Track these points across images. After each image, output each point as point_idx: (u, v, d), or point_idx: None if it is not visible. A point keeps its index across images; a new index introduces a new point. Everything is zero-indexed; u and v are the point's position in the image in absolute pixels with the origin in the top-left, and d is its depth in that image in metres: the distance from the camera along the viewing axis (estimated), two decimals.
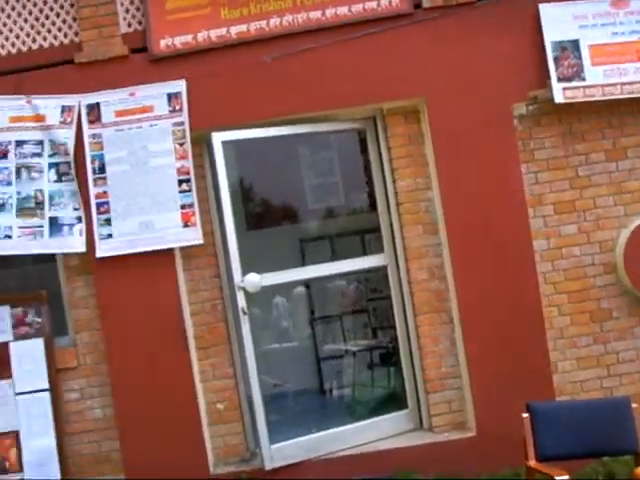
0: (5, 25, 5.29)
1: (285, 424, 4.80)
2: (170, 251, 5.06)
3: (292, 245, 6.58)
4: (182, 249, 5.12)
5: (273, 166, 5.90)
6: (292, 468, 4.93)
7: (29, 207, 5.13)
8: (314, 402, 6.13)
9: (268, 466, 4.91)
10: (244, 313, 4.92)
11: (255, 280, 4.94)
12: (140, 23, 5.21)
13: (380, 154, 5.22)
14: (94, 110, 5.15)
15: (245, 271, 4.95)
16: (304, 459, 4.94)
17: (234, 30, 5.11)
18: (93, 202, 5.06)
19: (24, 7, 5.28)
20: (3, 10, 5.27)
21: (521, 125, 5.09)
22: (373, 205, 5.30)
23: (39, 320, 5.25)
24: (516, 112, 5.06)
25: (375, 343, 6.13)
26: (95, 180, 5.10)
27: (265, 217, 6.91)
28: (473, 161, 4.96)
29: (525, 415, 3.20)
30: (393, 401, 5.43)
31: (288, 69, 5.00)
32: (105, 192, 5.08)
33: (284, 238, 6.62)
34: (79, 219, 5.13)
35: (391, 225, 4.87)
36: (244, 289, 4.94)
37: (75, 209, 5.12)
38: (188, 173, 5.05)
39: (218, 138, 5.03)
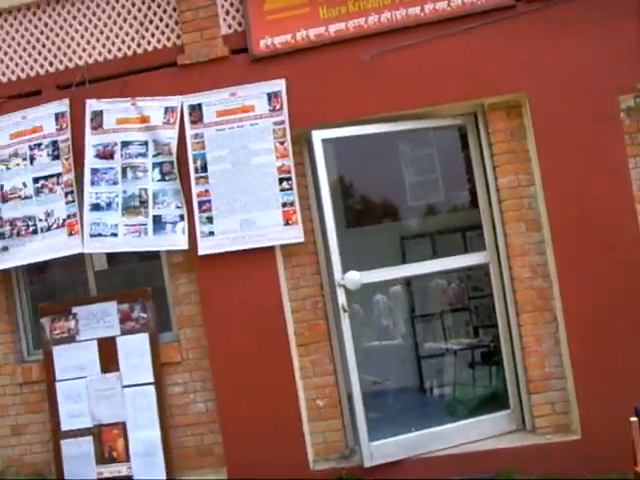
0: (112, 31, 5.89)
1: (385, 422, 5.08)
2: (271, 249, 5.51)
3: (392, 243, 6.96)
4: (283, 247, 5.56)
5: (373, 163, 6.26)
6: (391, 466, 5.26)
7: (134, 206, 5.71)
8: (414, 400, 6.38)
9: (367, 463, 5.27)
10: (344, 310, 5.32)
11: (355, 277, 5.36)
12: (240, 24, 5.69)
13: (481, 150, 5.42)
14: (196, 110, 5.70)
15: (345, 269, 5.33)
16: (404, 457, 5.27)
17: (333, 28, 5.53)
18: (195, 200, 5.43)
19: (129, 13, 5.87)
20: (110, 17, 5.90)
21: (629, 118, 5.23)
22: (474, 202, 5.31)
23: (144, 316, 5.82)
24: (623, 105, 5.16)
25: (476, 342, 6.36)
26: (197, 179, 5.60)
27: (365, 215, 7.31)
28: (578, 156, 5.11)
29: (633, 419, 3.18)
30: (495, 401, 5.63)
31: (387, 66, 5.33)
32: (207, 190, 5.58)
33: (384, 236, 7.02)
34: (182, 217, 5.64)
35: (493, 222, 5.06)
36: (344, 286, 5.34)
37: (178, 207, 5.65)
38: (288, 171, 5.62)
39: (318, 136, 5.45)
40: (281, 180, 5.31)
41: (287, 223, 5.21)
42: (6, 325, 6.10)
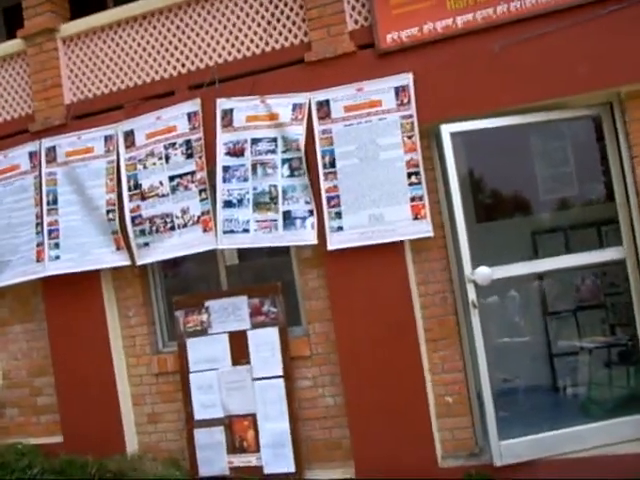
0: (240, 31, 6.43)
1: (515, 421, 5.18)
2: (400, 243, 5.75)
3: (524, 238, 7.05)
4: (412, 241, 5.87)
5: (503, 157, 6.36)
6: (523, 466, 5.42)
7: (264, 202, 6.14)
8: (546, 399, 6.05)
9: (497, 462, 5.47)
10: (474, 306, 5.57)
11: (486, 273, 5.58)
12: (366, 19, 6.04)
13: (618, 141, 5.20)
14: (323, 107, 6.09)
15: (475, 264, 5.57)
16: (535, 458, 5.42)
17: (460, 20, 5.72)
18: (324, 196, 5.61)
19: (257, 12, 6.37)
20: (238, 17, 6.44)
21: None
22: (610, 195, 5.26)
23: (274, 310, 6.22)
24: None
25: (613, 340, 6.36)
26: (326, 174, 5.77)
27: (495, 209, 7.45)
28: None
29: None
30: (633, 403, 5.32)
31: (516, 57, 5.46)
32: (335, 186, 5.73)
33: (515, 230, 7.09)
34: (311, 212, 5.78)
35: (630, 216, 5.05)
36: (474, 282, 5.59)
37: (307, 203, 5.83)
38: (417, 166, 5.92)
39: (447, 130, 5.73)
40: (409, 174, 5.50)
41: (416, 218, 5.39)
42: (143, 318, 6.69)
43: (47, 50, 6.44)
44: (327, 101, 5.67)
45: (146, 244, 6.08)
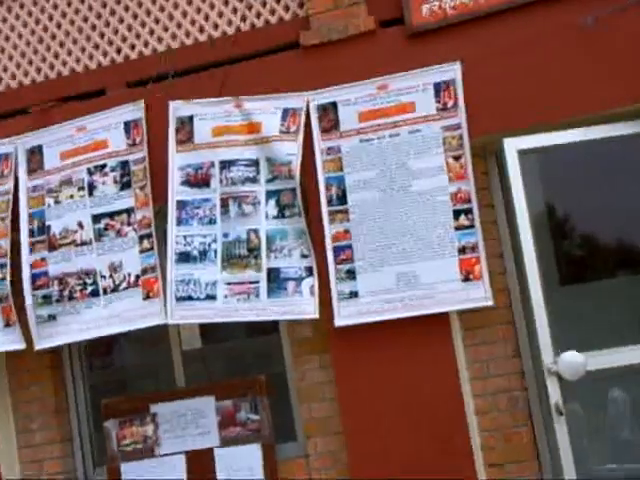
0: (204, 1, 6.57)
1: None
2: (443, 317, 5.50)
3: (634, 308, 7.07)
4: (462, 314, 5.63)
5: (598, 185, 6.35)
6: None
7: (239, 255, 5.99)
8: None
9: None
10: (559, 413, 5.45)
11: (576, 361, 5.24)
12: None
13: None
14: (328, 113, 5.91)
15: (559, 348, 5.22)
16: None
17: None
18: (329, 246, 5.67)
19: None
20: None
21: None
22: None
23: (255, 418, 6.20)
24: None
25: None
26: (332, 214, 5.77)
27: (589, 264, 7.21)
28: None
29: None
30: None
31: (621, 34, 5.21)
32: (346, 231, 5.75)
33: (620, 297, 6.99)
34: (309, 271, 5.80)
35: None
36: (558, 375, 5.33)
37: (303, 256, 5.80)
38: (468, 200, 5.61)
39: (512, 146, 5.73)
40: (457, 213, 5.53)
41: (467, 278, 5.45)
42: (54, 432, 6.72)
43: None
44: (334, 105, 5.81)
45: (52, 317, 6.12)
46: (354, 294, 5.70)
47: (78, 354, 6.70)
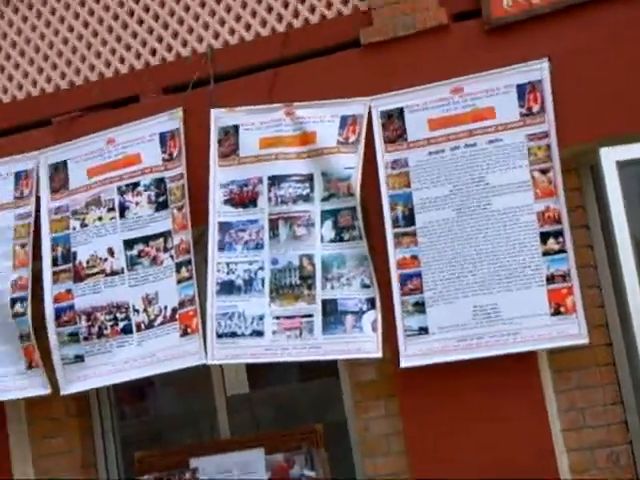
0: None
1: None
2: (530, 357, 5.40)
3: None
4: (552, 354, 5.47)
5: None
6: None
7: (290, 284, 6.08)
8: None
9: None
10: None
11: None
12: None
13: None
14: (394, 121, 5.98)
15: None
16: None
17: None
18: (394, 274, 5.61)
19: None
20: None
21: None
22: None
23: (311, 474, 6.16)
24: None
25: None
26: (397, 237, 5.68)
27: None
28: None
29: None
30: None
31: None
32: (414, 257, 5.66)
33: None
34: (371, 303, 5.74)
35: None
36: None
37: (364, 286, 5.74)
38: (558, 221, 5.35)
39: (611, 157, 5.57)
40: (545, 236, 5.43)
41: (557, 312, 5.33)
42: None
43: None
44: (400, 111, 5.72)
45: (79, 358, 6.04)
46: (423, 330, 5.60)
47: (108, 400, 6.67)
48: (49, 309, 6.08)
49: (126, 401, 6.77)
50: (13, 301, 6.14)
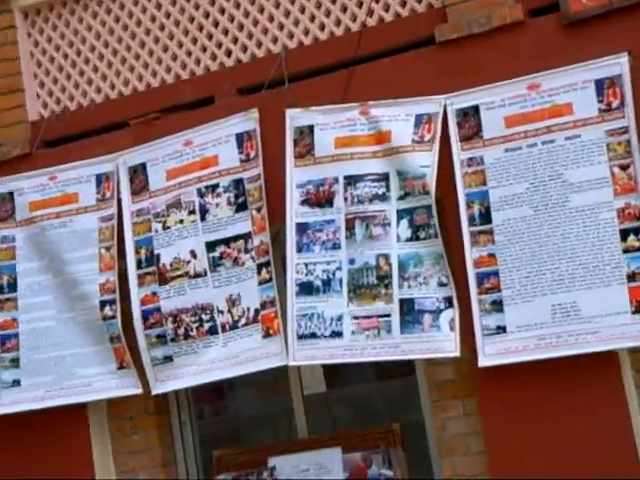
0: None
1: None
2: (610, 356, 5.25)
3: None
4: (634, 353, 5.32)
5: None
6: None
7: (368, 284, 6.02)
8: None
9: None
10: None
11: None
12: None
13: None
14: (469, 119, 5.80)
15: None
16: None
17: None
18: (471, 272, 5.51)
19: None
20: None
21: None
22: None
23: (389, 474, 6.08)
24: None
25: None
26: (474, 235, 5.61)
27: None
28: None
29: None
30: None
31: None
32: (491, 255, 5.59)
33: None
34: (448, 302, 5.68)
35: None
36: None
37: (441, 285, 5.66)
38: (639, 217, 5.13)
39: None
40: (625, 233, 5.30)
41: (638, 310, 5.16)
42: None
43: None
44: (475, 109, 5.62)
45: (168, 358, 6.06)
46: (501, 329, 5.50)
47: (186, 399, 6.67)
48: (136, 312, 6.11)
49: (204, 400, 6.76)
50: (102, 304, 6.20)
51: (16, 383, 6.68)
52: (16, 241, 6.52)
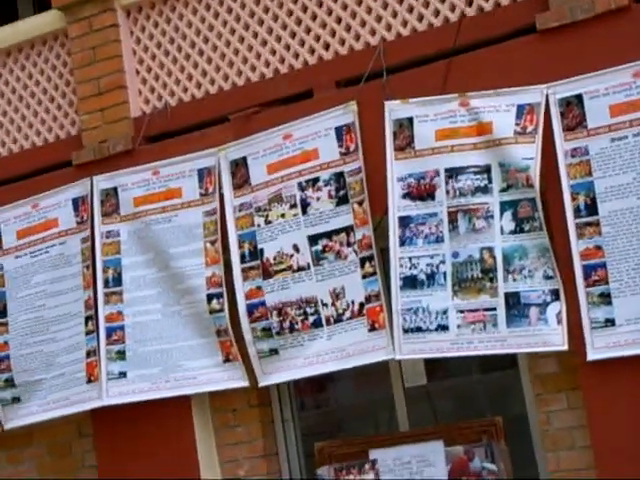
0: None
1: None
2: None
3: None
4: None
5: None
6: None
7: (472, 277, 5.87)
8: None
9: None
10: None
11: None
12: None
13: None
14: (573, 108, 5.67)
15: None
16: None
17: None
18: (578, 265, 5.35)
19: None
20: None
21: None
22: None
23: (492, 467, 5.88)
24: None
25: None
26: (580, 227, 5.42)
27: None
28: None
29: None
30: None
31: None
32: (598, 247, 5.39)
33: None
34: (554, 294, 5.53)
35: None
36: None
37: (547, 277, 5.51)
38: None
39: None
40: None
41: None
42: (262, 478, 6.61)
43: (101, 28, 6.64)
44: (579, 98, 5.42)
45: (274, 351, 6.01)
46: (610, 322, 5.32)
47: (287, 391, 6.59)
48: (241, 306, 6.11)
49: (305, 392, 6.70)
50: (209, 297, 6.20)
51: (122, 375, 6.67)
52: (121, 235, 6.54)
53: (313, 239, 6.04)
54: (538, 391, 5.69)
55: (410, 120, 5.97)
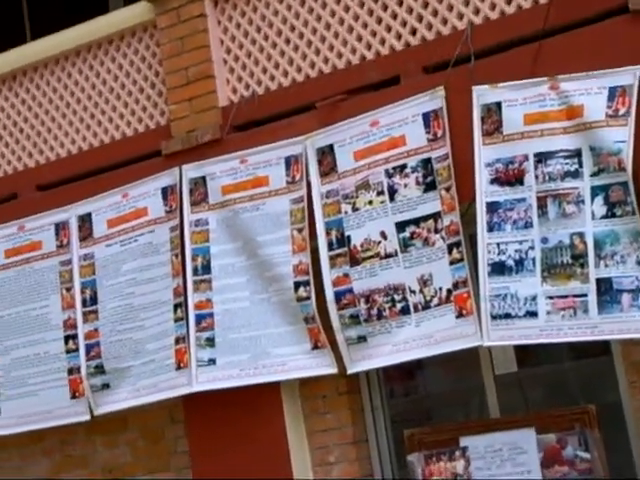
0: None
1: None
2: None
3: None
4: None
5: None
6: None
7: (562, 263, 5.72)
8: None
9: None
10: None
11: None
12: None
13: None
14: None
15: None
16: None
17: None
18: None
19: None
20: None
21: None
22: None
23: (586, 456, 5.73)
24: None
25: None
26: None
27: None
28: None
29: None
30: None
31: None
32: None
33: None
34: None
35: None
36: None
37: None
38: None
39: None
40: None
41: None
42: (354, 466, 6.58)
43: (189, 18, 6.72)
44: None
45: (362, 338, 5.94)
46: None
47: (377, 378, 6.58)
48: (329, 293, 6.07)
49: (394, 379, 6.66)
50: (296, 285, 6.17)
51: (212, 362, 6.67)
52: (209, 224, 6.69)
53: (400, 226, 5.97)
54: (632, 378, 5.67)
55: (498, 105, 5.86)
